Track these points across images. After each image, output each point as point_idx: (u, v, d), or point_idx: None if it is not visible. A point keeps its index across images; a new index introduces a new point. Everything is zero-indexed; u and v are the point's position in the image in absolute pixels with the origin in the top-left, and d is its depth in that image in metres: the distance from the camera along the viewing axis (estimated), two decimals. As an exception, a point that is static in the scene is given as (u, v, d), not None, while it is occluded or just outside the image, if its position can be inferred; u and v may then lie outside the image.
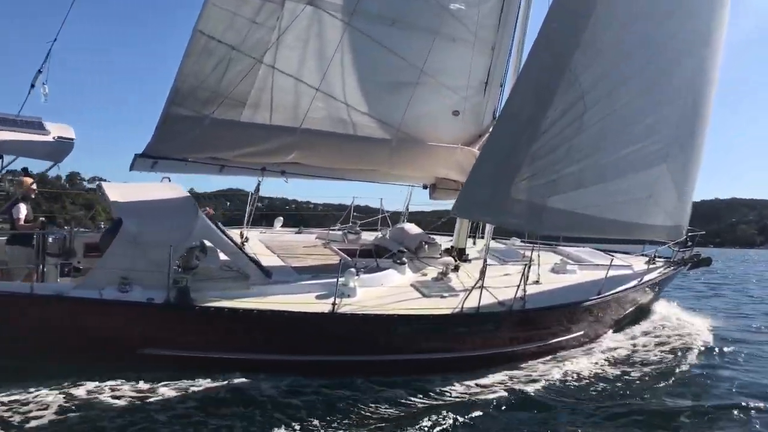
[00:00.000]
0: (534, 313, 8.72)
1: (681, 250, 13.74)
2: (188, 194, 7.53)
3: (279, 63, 7.64)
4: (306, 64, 7.84)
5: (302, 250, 9.45)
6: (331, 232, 10.51)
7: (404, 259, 9.11)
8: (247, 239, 8.73)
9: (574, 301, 9.24)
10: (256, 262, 7.69)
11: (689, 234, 13.87)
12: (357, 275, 8.15)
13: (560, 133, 8.69)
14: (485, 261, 9.47)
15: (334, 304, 7.23)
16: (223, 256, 7.52)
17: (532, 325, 8.89)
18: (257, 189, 8.43)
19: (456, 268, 9.89)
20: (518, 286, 8.55)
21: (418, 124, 9.05)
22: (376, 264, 9.04)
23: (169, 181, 8.42)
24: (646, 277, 11.87)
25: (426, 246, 9.64)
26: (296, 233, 10.63)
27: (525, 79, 8.35)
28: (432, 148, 9.29)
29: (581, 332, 9.71)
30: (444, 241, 11.03)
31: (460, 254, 10.65)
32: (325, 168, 8.67)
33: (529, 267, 9.10)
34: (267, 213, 12.36)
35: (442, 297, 8.45)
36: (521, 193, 8.71)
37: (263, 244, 9.40)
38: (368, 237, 10.71)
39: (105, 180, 9.19)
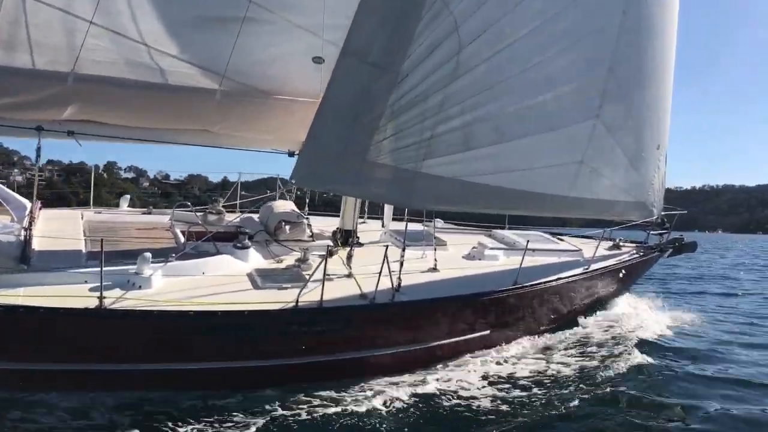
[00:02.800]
0: (405, 308, 7.10)
1: (652, 232, 11.82)
2: None
3: (33, -12, 6.16)
4: (76, -11, 6.34)
5: (134, 233, 8.03)
6: (187, 212, 9.02)
7: (247, 242, 7.61)
8: (33, 218, 7.32)
9: (466, 293, 7.55)
10: (26, 245, 6.30)
11: (665, 214, 11.96)
12: (168, 261, 6.70)
13: (429, 77, 7.12)
14: (353, 244, 7.92)
15: (101, 297, 5.78)
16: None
17: (406, 324, 7.29)
18: (38, 155, 6.97)
19: (331, 254, 8.29)
20: (379, 273, 6.92)
21: (261, 73, 7.57)
22: (215, 248, 7.54)
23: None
24: (597, 265, 10.00)
25: (286, 227, 8.07)
26: (144, 213, 9.19)
27: (371, 3, 6.68)
28: (283, 103, 7.71)
29: (485, 332, 8.06)
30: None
31: (346, 237, 9.03)
32: (131, 127, 7.16)
33: (404, 249, 7.48)
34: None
35: (282, 288, 6.93)
36: (384, 156, 7.17)
37: (84, 225, 8.01)
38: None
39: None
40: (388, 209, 10.09)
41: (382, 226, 10.55)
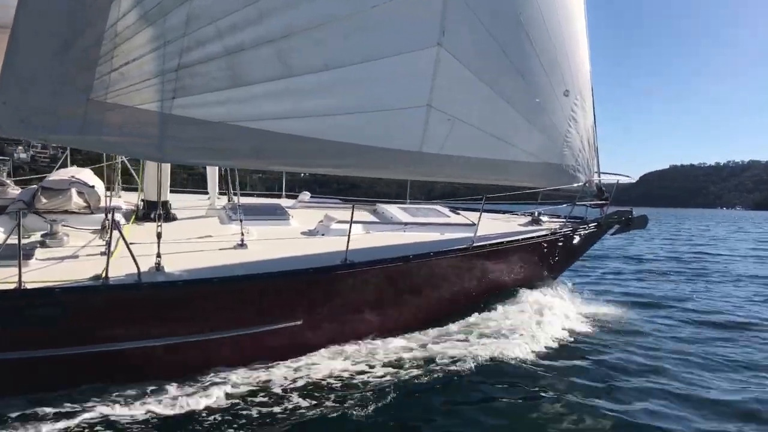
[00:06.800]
0: (142, 293, 5.72)
1: (579, 203, 10.03)
2: None
3: None
4: None
5: None
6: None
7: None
8: None
9: (240, 274, 6.13)
10: None
11: (599, 182, 10.19)
12: None
13: (160, -15, 5.60)
14: (113, 219, 6.52)
15: None
16: None
17: (152, 313, 5.93)
18: None
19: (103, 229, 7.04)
20: (108, 248, 5.57)
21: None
22: None
23: None
24: (485, 243, 8.34)
25: (41, 196, 6.75)
26: None
27: None
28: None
29: (294, 322, 6.60)
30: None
31: (149, 210, 7.70)
32: None
33: (159, 217, 6.11)
34: None
35: None
36: (115, 94, 5.97)
37: None
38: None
39: None
40: (211, 175, 8.67)
41: (229, 199, 9.15)
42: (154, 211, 8.03)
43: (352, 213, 7.16)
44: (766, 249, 28.81)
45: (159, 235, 6.14)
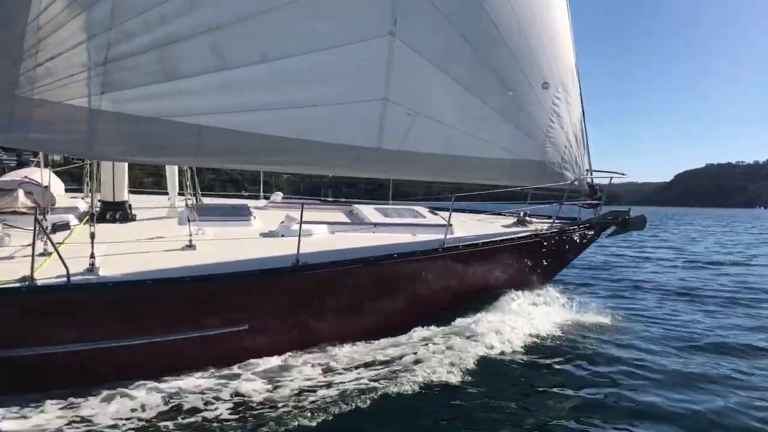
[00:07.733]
0: (70, 294, 5.61)
1: (566, 203, 9.50)
2: None
3: None
4: None
5: None
6: None
7: None
8: None
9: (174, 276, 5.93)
10: None
11: (598, 182, 9.69)
12: None
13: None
14: (36, 219, 6.37)
15: None
16: None
17: (80, 316, 5.86)
18: None
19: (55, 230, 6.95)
20: (32, 250, 5.42)
21: None
22: None
23: None
24: (456, 244, 7.99)
25: (-11, 195, 6.74)
26: None
27: None
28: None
29: (239, 327, 6.41)
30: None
31: (105, 210, 7.56)
32: None
33: (92, 218, 5.97)
34: None
35: None
36: (42, 89, 5.98)
37: None
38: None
39: None
40: (171, 174, 8.48)
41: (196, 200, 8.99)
42: (109, 212, 7.94)
43: (302, 213, 6.89)
44: (724, 255, 25.29)
45: (92, 236, 5.96)
